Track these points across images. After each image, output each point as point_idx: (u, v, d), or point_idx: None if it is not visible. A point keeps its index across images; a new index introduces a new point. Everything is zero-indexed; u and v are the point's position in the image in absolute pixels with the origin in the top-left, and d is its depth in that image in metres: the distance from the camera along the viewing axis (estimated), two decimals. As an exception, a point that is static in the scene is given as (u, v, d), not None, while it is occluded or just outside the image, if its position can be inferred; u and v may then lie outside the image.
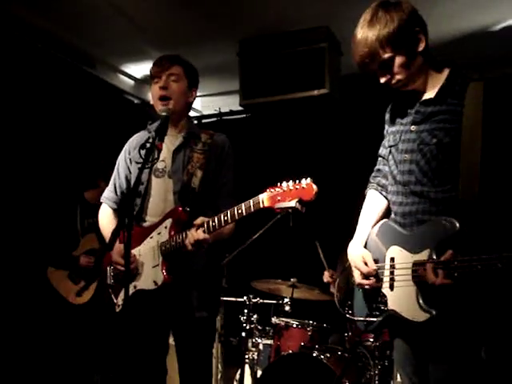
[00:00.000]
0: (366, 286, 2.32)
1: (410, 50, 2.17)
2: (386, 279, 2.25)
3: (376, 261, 2.32)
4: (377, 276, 2.30)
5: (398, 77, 2.21)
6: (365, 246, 2.41)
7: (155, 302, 2.82)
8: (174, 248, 2.73)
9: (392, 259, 2.24)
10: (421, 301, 2.09)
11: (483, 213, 2.02)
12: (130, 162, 3.03)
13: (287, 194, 2.36)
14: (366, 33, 2.18)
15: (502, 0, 4.18)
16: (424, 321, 2.07)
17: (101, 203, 3.18)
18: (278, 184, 2.42)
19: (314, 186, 2.33)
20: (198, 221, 2.67)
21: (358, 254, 2.37)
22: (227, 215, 2.58)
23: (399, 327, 2.28)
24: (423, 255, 2.11)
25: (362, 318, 2.38)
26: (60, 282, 4.50)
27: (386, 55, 2.16)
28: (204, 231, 2.62)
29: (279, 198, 2.38)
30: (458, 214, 2.03)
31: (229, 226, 2.81)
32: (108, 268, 2.99)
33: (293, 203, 2.36)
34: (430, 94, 2.23)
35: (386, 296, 2.25)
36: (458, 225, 2.02)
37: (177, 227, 2.77)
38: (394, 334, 2.38)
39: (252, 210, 2.48)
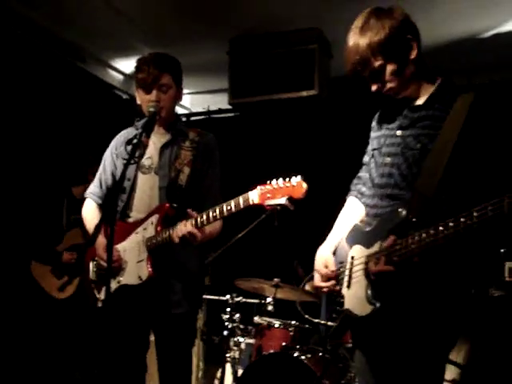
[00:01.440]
0: (325, 289, 2.30)
1: (402, 58, 2.13)
2: (346, 279, 2.23)
3: (342, 263, 2.29)
4: (336, 279, 2.27)
5: (389, 85, 2.17)
6: (335, 252, 2.37)
7: (138, 298, 2.81)
8: (161, 243, 2.72)
9: (352, 258, 2.23)
10: (369, 293, 2.08)
11: (437, 209, 1.97)
12: (117, 158, 3.01)
13: (277, 192, 2.37)
14: (357, 40, 2.14)
15: (491, 8, 4.22)
16: (368, 314, 2.05)
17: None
18: (268, 182, 2.42)
19: (304, 184, 2.33)
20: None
21: (321, 257, 2.34)
22: (216, 211, 2.57)
23: (355, 332, 2.27)
24: (375, 248, 2.10)
25: (322, 322, 2.39)
26: (43, 276, 4.50)
27: (377, 63, 2.12)
28: (192, 224, 2.62)
29: (269, 195, 2.39)
30: (413, 205, 2.01)
31: (218, 224, 2.81)
32: (91, 263, 2.97)
33: (283, 200, 2.37)
34: (420, 101, 2.20)
35: (343, 297, 2.23)
36: (404, 212, 2.01)
37: (163, 223, 2.75)
38: (354, 344, 2.37)
39: (241, 206, 2.48)
